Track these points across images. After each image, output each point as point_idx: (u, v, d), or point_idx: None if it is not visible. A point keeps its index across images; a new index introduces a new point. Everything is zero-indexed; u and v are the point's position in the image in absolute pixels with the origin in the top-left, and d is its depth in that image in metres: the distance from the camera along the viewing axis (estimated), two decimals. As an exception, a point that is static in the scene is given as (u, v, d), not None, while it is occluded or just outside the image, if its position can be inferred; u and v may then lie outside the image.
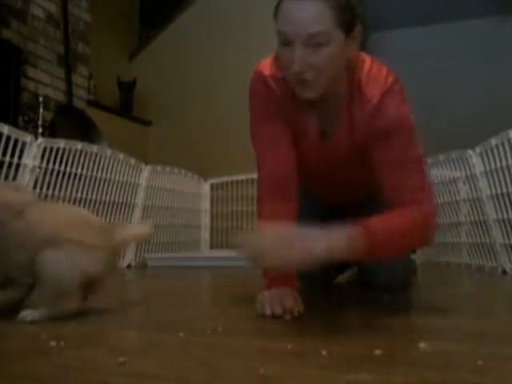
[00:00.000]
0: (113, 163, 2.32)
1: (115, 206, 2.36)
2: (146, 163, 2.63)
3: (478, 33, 4.73)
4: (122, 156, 2.37)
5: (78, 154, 2.12)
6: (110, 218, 2.34)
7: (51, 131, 2.88)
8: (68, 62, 3.16)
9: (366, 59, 1.08)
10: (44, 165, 1.96)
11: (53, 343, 0.71)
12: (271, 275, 1.03)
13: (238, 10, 3.88)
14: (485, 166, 1.98)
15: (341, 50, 0.97)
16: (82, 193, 2.17)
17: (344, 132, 1.09)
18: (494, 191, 1.95)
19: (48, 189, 2.00)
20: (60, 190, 2.06)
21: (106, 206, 2.31)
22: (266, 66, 1.12)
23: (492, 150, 1.92)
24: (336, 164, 1.16)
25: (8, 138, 1.81)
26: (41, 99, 2.92)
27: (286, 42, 0.98)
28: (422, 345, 0.68)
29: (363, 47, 1.10)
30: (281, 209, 1.08)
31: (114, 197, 2.35)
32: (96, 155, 2.21)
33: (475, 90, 4.68)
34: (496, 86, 4.60)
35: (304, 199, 1.22)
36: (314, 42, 0.94)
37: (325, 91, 1.02)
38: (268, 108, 1.12)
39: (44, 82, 3.01)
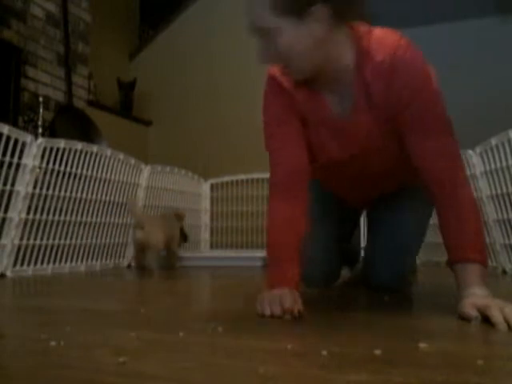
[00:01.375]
0: (113, 163, 2.32)
1: (115, 206, 2.36)
2: (146, 163, 2.62)
3: (478, 33, 4.73)
4: (121, 156, 2.37)
5: (77, 154, 2.12)
6: (110, 218, 2.34)
7: (51, 131, 2.88)
8: (68, 61, 3.16)
9: (376, 29, 1.04)
10: (44, 165, 1.96)
11: (53, 343, 0.71)
12: (272, 276, 1.04)
13: (238, 10, 3.88)
14: (485, 166, 1.98)
15: (297, 35, 0.96)
16: (82, 193, 2.17)
17: (363, 106, 1.04)
18: (493, 191, 1.95)
19: (48, 189, 2.00)
20: (60, 190, 2.06)
21: (106, 206, 2.31)
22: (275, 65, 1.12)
23: (492, 150, 1.92)
24: (362, 150, 1.12)
25: (8, 138, 1.81)
26: (41, 99, 2.92)
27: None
28: (421, 345, 0.68)
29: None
30: (287, 208, 1.07)
31: (114, 197, 2.35)
32: (96, 155, 2.21)
33: (475, 90, 4.68)
34: (496, 86, 4.61)
35: (320, 202, 1.21)
36: (266, 34, 0.96)
37: (319, 70, 1.02)
38: (281, 108, 1.11)
39: (44, 81, 3.01)
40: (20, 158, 1.86)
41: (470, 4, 4.48)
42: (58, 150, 2.02)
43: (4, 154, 1.80)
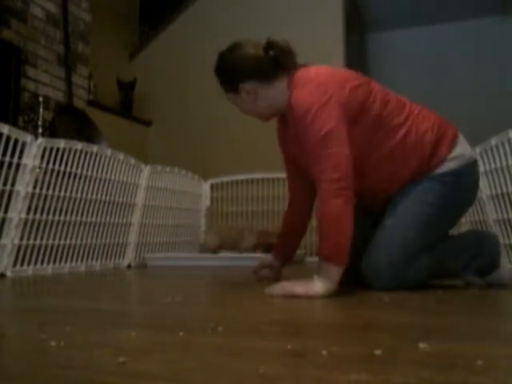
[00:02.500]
0: (113, 163, 2.32)
1: (115, 206, 2.36)
2: (146, 163, 2.62)
3: (478, 33, 4.73)
4: (121, 156, 2.37)
5: (77, 154, 2.12)
6: (110, 218, 2.34)
7: (51, 131, 2.88)
8: (68, 61, 3.16)
9: (303, 80, 1.36)
10: (44, 165, 1.96)
11: (53, 343, 0.71)
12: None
13: (238, 11, 3.88)
14: (484, 166, 1.98)
15: (240, 101, 1.46)
16: (82, 193, 2.17)
17: (293, 137, 1.41)
18: (493, 191, 1.95)
19: (48, 189, 2.00)
20: (60, 190, 2.06)
21: (106, 206, 2.31)
22: None
23: (492, 150, 1.92)
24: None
25: (8, 138, 1.81)
26: (41, 99, 2.93)
27: None
28: (421, 345, 0.68)
29: (363, 47, 1.12)
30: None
31: (114, 197, 2.35)
32: (96, 155, 2.21)
33: (475, 90, 4.68)
34: (496, 85, 4.61)
35: None
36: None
37: (276, 112, 1.48)
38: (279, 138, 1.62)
39: (44, 81, 3.01)
40: (20, 158, 1.86)
41: (469, 4, 4.48)
42: (58, 150, 2.03)
43: (4, 154, 1.80)
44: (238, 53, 1.45)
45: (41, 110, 2.91)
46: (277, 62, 1.39)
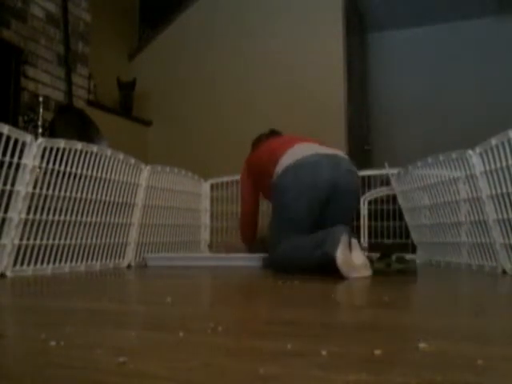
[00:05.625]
0: (113, 163, 2.32)
1: (115, 206, 2.36)
2: (146, 163, 2.62)
3: (478, 33, 4.73)
4: (121, 156, 2.37)
5: (78, 154, 2.12)
6: (110, 218, 2.34)
7: (51, 131, 2.88)
8: (68, 61, 3.16)
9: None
10: (44, 165, 1.96)
11: (53, 343, 0.71)
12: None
13: (238, 11, 3.88)
14: (485, 166, 1.98)
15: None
16: (82, 193, 2.17)
17: None
18: (493, 191, 1.95)
19: (48, 189, 2.00)
20: (60, 190, 2.06)
21: (106, 206, 2.31)
22: None
23: (492, 150, 1.92)
24: None
25: (8, 138, 1.81)
26: (41, 99, 2.93)
27: None
28: (421, 345, 0.68)
29: (363, 47, 1.12)
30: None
31: (114, 197, 2.35)
32: (96, 155, 2.21)
33: (475, 90, 4.68)
34: (496, 85, 4.61)
35: None
36: None
37: None
38: None
39: (44, 82, 3.01)
40: (20, 157, 1.86)
41: (469, 4, 4.48)
42: (58, 150, 2.02)
43: (4, 154, 1.80)
44: None
45: (41, 110, 2.91)
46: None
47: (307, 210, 2.02)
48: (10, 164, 1.82)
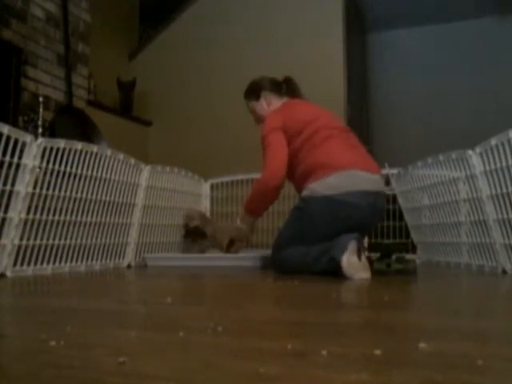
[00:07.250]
0: (113, 163, 2.32)
1: (115, 206, 2.36)
2: (146, 163, 2.62)
3: (478, 33, 4.73)
4: (121, 156, 2.37)
5: (77, 154, 2.12)
6: (110, 218, 2.34)
7: (51, 131, 2.88)
8: (68, 61, 3.16)
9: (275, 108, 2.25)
10: (44, 165, 1.96)
11: (53, 343, 0.71)
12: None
13: (238, 11, 3.88)
14: (485, 166, 1.98)
15: (255, 106, 2.33)
16: (82, 193, 2.17)
17: None
18: (493, 191, 1.95)
19: (48, 189, 2.00)
20: (60, 190, 2.06)
21: (106, 206, 2.31)
22: None
23: (492, 150, 1.92)
24: None
25: (8, 138, 1.81)
26: (41, 99, 2.93)
27: None
28: (422, 345, 0.68)
29: (363, 47, 1.12)
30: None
31: (114, 197, 2.35)
32: (96, 155, 2.21)
33: (475, 90, 4.68)
34: (496, 85, 4.60)
35: None
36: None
37: None
38: None
39: (44, 82, 3.01)
40: (20, 157, 1.86)
41: (469, 4, 4.48)
42: (58, 149, 2.02)
43: (4, 154, 1.80)
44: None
45: (41, 110, 2.91)
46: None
47: (333, 234, 1.88)
48: (10, 164, 1.82)
